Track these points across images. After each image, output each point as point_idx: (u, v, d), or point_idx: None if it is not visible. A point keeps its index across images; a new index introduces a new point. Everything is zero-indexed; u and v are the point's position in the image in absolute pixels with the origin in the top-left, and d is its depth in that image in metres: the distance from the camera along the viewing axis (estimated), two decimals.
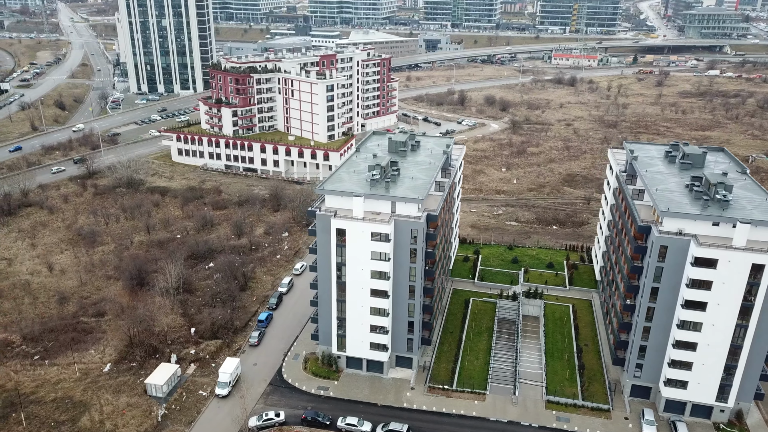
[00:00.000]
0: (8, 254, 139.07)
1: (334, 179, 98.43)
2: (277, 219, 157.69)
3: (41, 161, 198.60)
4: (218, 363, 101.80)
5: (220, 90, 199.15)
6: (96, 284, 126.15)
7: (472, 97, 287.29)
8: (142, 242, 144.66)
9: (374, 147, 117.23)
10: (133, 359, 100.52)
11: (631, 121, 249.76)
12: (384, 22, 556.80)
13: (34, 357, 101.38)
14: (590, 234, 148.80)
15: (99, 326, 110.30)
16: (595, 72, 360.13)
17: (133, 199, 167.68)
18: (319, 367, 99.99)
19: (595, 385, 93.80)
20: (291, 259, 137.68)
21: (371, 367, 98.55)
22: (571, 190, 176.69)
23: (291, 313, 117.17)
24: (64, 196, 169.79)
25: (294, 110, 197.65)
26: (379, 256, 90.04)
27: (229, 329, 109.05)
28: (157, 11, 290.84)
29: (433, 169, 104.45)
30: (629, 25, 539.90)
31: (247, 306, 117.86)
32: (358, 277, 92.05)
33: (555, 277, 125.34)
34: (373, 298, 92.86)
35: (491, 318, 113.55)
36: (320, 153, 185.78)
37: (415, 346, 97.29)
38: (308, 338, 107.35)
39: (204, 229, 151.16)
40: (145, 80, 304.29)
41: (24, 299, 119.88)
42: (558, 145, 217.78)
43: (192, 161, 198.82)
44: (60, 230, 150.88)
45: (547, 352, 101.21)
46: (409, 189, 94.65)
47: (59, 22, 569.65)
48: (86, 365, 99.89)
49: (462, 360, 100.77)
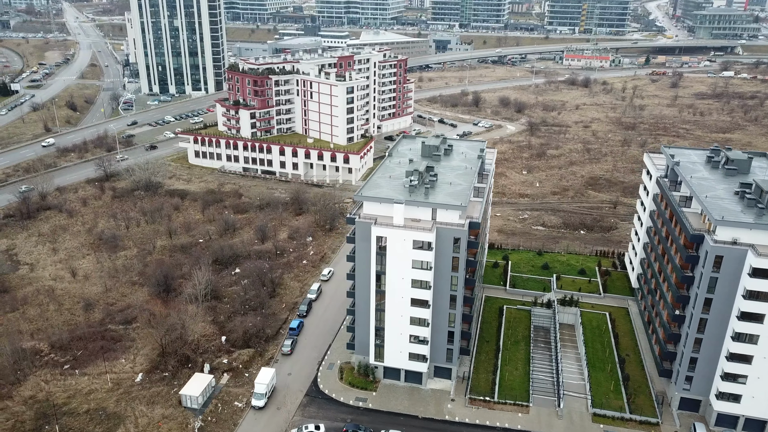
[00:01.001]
0: (30, 259, 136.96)
1: (370, 185, 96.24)
2: (300, 223, 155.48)
3: (57, 163, 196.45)
4: (252, 372, 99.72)
5: (237, 92, 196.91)
6: (121, 290, 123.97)
7: (486, 99, 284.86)
8: (164, 247, 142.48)
9: (406, 151, 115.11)
10: (165, 369, 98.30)
11: (649, 123, 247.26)
12: (391, 23, 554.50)
13: (64, 366, 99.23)
14: (620, 239, 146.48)
15: (127, 334, 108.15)
16: (608, 73, 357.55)
17: (152, 202, 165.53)
18: (356, 378, 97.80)
19: (641, 398, 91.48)
20: (317, 264, 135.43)
21: (409, 378, 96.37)
22: (595, 194, 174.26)
23: (321, 320, 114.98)
24: (82, 199, 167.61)
25: (313, 112, 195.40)
26: (420, 264, 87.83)
27: (260, 337, 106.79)
28: (168, 12, 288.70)
29: (470, 175, 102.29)
30: (638, 26, 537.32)
31: (276, 313, 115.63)
32: (398, 286, 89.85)
33: (588, 284, 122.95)
34: (413, 307, 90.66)
35: (526, 326, 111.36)
36: (340, 155, 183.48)
37: (454, 357, 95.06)
38: (341, 347, 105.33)
39: (226, 233, 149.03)
40: (156, 81, 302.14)
41: (49, 306, 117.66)
42: (577, 147, 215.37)
43: (209, 163, 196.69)
44: (80, 234, 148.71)
45: (588, 363, 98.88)
46: (450, 195, 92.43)
47: (65, 22, 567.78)
48: (117, 375, 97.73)
49: (501, 370, 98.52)
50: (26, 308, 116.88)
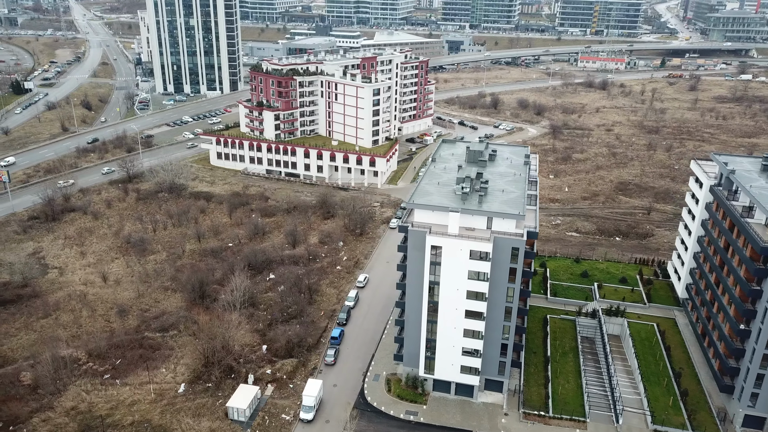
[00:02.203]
0: (58, 262, 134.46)
1: (420, 192, 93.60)
2: (329, 227, 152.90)
3: (77, 164, 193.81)
4: (296, 383, 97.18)
5: (260, 93, 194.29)
6: (153, 296, 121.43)
7: (505, 101, 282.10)
8: (193, 251, 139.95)
9: (449, 156, 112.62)
10: (208, 379, 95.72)
11: (671, 126, 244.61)
12: (401, 23, 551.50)
13: (104, 376, 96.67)
14: (657, 246, 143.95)
15: (165, 342, 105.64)
16: (624, 75, 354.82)
17: (177, 204, 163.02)
18: (404, 390, 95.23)
19: (701, 414, 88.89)
20: (351, 270, 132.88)
21: (460, 391, 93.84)
22: (626, 199, 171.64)
23: (361, 328, 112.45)
24: (106, 201, 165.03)
25: (337, 114, 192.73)
26: (477, 275, 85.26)
27: (302, 347, 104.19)
28: (184, 11, 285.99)
29: (520, 181, 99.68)
30: (650, 28, 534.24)
31: (315, 321, 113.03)
32: (452, 297, 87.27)
33: (631, 293, 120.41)
34: (467, 319, 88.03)
35: (572, 337, 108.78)
36: (366, 158, 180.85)
37: (507, 370, 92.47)
38: (385, 357, 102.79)
39: (255, 237, 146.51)
40: (171, 80, 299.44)
41: (82, 311, 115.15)
42: (603, 151, 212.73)
43: (232, 165, 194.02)
44: (107, 237, 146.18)
45: (642, 376, 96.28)
46: (505, 203, 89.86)
47: (74, 20, 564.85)
48: (159, 385, 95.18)
49: (553, 383, 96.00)
50: (59, 314, 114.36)
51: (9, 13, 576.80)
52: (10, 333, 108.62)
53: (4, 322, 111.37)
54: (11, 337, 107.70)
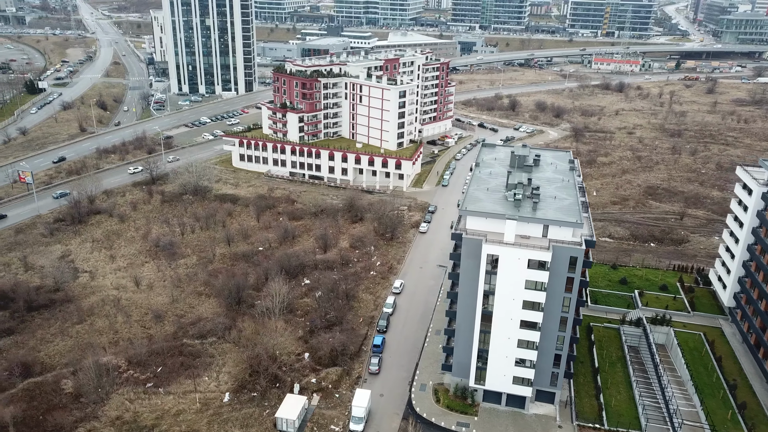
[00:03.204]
0: (87, 266, 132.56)
1: (471, 198, 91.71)
2: (358, 231, 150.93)
3: (99, 165, 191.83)
4: (342, 393, 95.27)
5: (284, 94, 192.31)
6: (188, 301, 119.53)
7: (522, 103, 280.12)
8: (224, 255, 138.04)
9: (492, 161, 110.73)
10: (253, 388, 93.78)
11: (693, 130, 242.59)
12: (411, 23, 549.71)
13: (147, 384, 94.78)
14: (693, 253, 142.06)
15: (205, 349, 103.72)
16: (639, 77, 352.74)
17: (202, 207, 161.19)
18: (452, 400, 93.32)
19: (761, 428, 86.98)
20: (386, 275, 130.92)
21: (511, 402, 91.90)
22: (657, 204, 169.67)
23: (402, 336, 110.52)
24: (132, 203, 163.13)
25: (361, 116, 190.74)
26: (534, 285, 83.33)
27: (345, 354, 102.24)
28: (201, 11, 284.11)
29: (570, 188, 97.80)
30: (661, 30, 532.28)
31: (355, 328, 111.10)
32: (507, 307, 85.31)
33: (673, 301, 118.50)
34: (522, 329, 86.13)
35: (618, 346, 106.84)
36: (392, 161, 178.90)
37: (559, 381, 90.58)
38: (430, 366, 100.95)
39: (285, 241, 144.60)
40: (186, 81, 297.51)
41: (117, 317, 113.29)
42: (627, 154, 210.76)
43: (255, 167, 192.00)
44: (135, 240, 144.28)
45: (696, 388, 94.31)
46: (560, 211, 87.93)
47: (82, 19, 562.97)
48: (203, 394, 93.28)
49: (604, 394, 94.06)
50: (94, 319, 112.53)
51: (17, 12, 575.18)
52: (46, 339, 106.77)
53: (39, 328, 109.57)
54: (47, 343, 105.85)
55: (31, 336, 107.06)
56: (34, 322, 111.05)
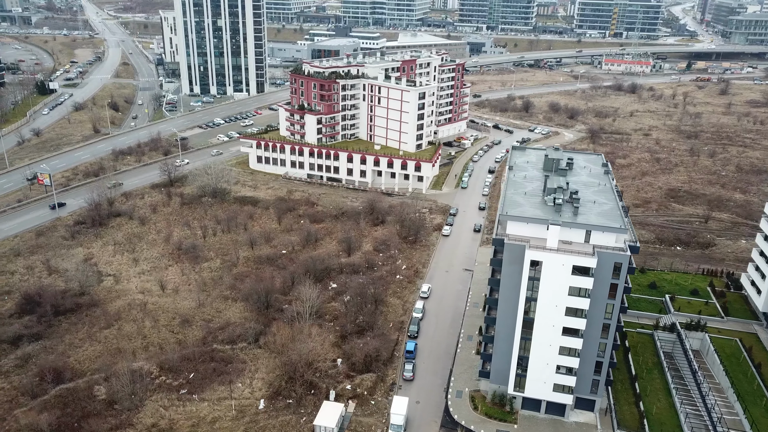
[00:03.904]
0: (111, 269, 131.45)
1: (509, 203, 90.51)
2: (380, 234, 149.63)
3: (116, 167, 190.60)
4: (377, 400, 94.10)
5: (301, 96, 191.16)
6: (215, 306, 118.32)
7: (535, 104, 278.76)
8: (247, 258, 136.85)
9: (524, 164, 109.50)
10: (288, 395, 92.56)
11: (710, 131, 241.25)
12: (417, 24, 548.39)
13: (180, 390, 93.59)
14: (721, 257, 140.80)
15: (236, 355, 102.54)
16: (650, 79, 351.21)
17: (222, 209, 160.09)
18: (490, 408, 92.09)
19: None
20: (412, 279, 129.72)
21: (550, 410, 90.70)
22: (680, 207, 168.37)
23: (433, 341, 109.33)
24: (151, 205, 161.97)
25: (380, 118, 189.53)
26: (578, 291, 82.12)
27: (377, 360, 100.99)
28: (212, 11, 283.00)
29: (607, 192, 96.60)
30: (669, 30, 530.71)
31: (385, 333, 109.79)
32: (550, 313, 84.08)
33: (705, 306, 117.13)
34: (564, 336, 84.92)
35: (653, 352, 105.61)
36: (411, 163, 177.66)
37: (600, 388, 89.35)
38: (464, 372, 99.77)
39: (308, 244, 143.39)
40: (197, 81, 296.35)
41: (144, 322, 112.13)
42: (645, 156, 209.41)
43: (272, 169, 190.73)
44: (157, 243, 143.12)
45: (738, 395, 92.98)
46: (601, 215, 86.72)
47: (88, 19, 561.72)
48: (238, 401, 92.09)
49: (644, 401, 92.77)
50: (121, 324, 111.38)
51: (23, 12, 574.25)
52: (75, 344, 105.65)
53: (67, 333, 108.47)
54: (76, 348, 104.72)
55: (60, 341, 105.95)
56: (62, 327, 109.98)
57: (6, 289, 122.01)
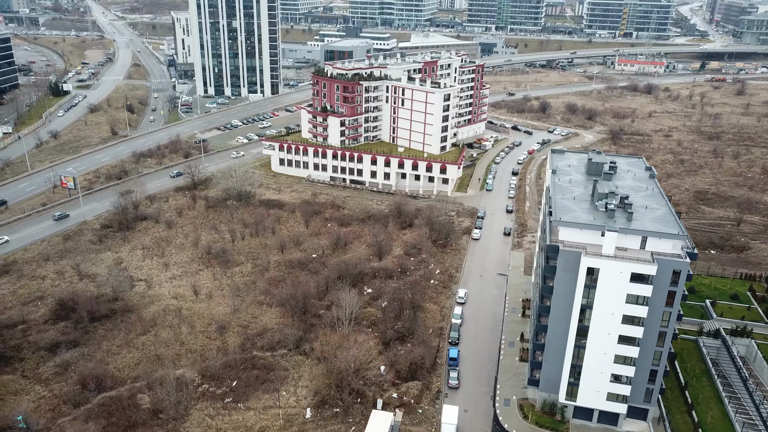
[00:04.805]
0: (141, 274, 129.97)
1: (561, 208, 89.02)
2: (409, 238, 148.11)
3: (138, 169, 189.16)
4: (424, 408, 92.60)
5: (323, 97, 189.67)
6: (250, 311, 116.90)
7: (552, 105, 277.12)
8: (278, 262, 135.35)
9: (566, 168, 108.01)
10: (335, 404, 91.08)
11: (731, 132, 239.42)
12: (426, 24, 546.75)
13: (224, 399, 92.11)
14: (758, 260, 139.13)
15: (277, 362, 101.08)
16: (665, 79, 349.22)
17: (248, 212, 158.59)
18: (540, 416, 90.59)
19: None
20: (447, 284, 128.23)
21: (602, 419, 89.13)
22: (709, 210, 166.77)
23: (475, 348, 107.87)
24: (176, 209, 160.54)
25: (403, 120, 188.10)
26: (636, 299, 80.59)
27: (422, 368, 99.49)
28: (227, 12, 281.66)
29: (657, 196, 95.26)
30: (679, 30, 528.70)
31: (426, 340, 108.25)
32: (606, 321, 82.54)
33: (748, 311, 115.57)
34: (620, 345, 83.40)
35: (698, 358, 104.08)
36: (436, 165, 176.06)
37: (653, 397, 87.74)
38: (509, 380, 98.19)
39: (338, 248, 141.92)
40: (211, 83, 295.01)
41: (181, 328, 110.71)
42: (669, 158, 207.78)
43: (295, 172, 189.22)
44: (186, 247, 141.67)
45: None
46: (656, 221, 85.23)
47: (96, 20, 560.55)
48: (284, 409, 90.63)
49: (696, 410, 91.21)
50: (157, 330, 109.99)
51: (30, 13, 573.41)
52: (113, 351, 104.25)
53: (104, 339, 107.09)
54: (114, 355, 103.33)
55: (97, 348, 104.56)
56: (98, 333, 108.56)
57: (38, 294, 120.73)
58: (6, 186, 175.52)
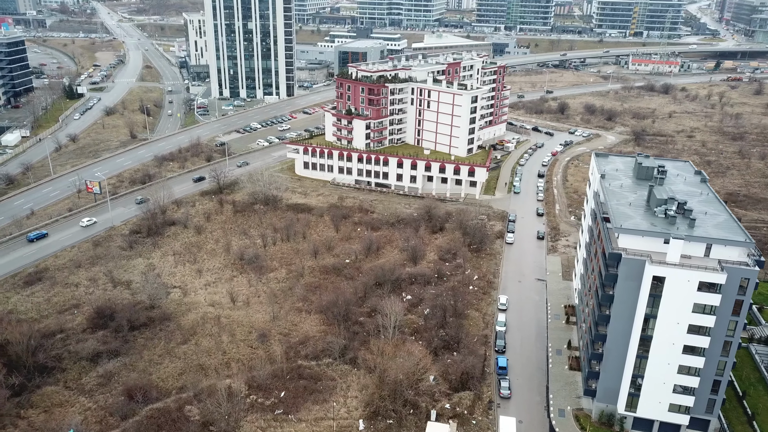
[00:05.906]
0: (175, 281, 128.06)
1: (619, 215, 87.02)
2: (442, 242, 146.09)
3: (161, 174, 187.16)
4: (477, 419, 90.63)
5: (347, 100, 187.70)
6: (289, 319, 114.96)
7: (570, 105, 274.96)
8: (312, 268, 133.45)
9: (614, 172, 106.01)
10: (387, 415, 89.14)
11: (754, 132, 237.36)
12: (435, 24, 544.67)
13: (275, 411, 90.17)
14: None
15: (323, 371, 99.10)
16: (680, 79, 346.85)
17: (275, 217, 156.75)
18: (597, 427, 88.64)
19: None
20: (487, 290, 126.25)
21: (663, 430, 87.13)
22: (743, 212, 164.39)
23: (522, 356, 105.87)
24: (205, 213, 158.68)
25: (429, 122, 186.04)
26: (703, 308, 78.59)
27: (472, 377, 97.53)
28: (243, 13, 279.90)
29: (713, 202, 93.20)
30: (690, 29, 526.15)
31: (472, 348, 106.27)
32: (670, 331, 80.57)
33: None
34: (684, 355, 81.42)
35: (752, 366, 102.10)
36: (464, 168, 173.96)
37: (716, 408, 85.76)
38: (561, 389, 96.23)
39: (370, 253, 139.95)
40: (226, 85, 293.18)
41: (221, 336, 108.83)
42: (694, 159, 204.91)
43: (319, 175, 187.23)
44: (217, 253, 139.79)
45: None
46: (720, 228, 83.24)
47: (103, 22, 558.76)
48: (336, 421, 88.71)
49: (757, 421, 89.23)
50: (198, 339, 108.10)
51: (37, 15, 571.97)
52: (154, 360, 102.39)
53: (145, 348, 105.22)
54: (156, 365, 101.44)
55: (139, 357, 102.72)
56: (138, 342, 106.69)
57: (73, 302, 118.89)
58: (30, 191, 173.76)
